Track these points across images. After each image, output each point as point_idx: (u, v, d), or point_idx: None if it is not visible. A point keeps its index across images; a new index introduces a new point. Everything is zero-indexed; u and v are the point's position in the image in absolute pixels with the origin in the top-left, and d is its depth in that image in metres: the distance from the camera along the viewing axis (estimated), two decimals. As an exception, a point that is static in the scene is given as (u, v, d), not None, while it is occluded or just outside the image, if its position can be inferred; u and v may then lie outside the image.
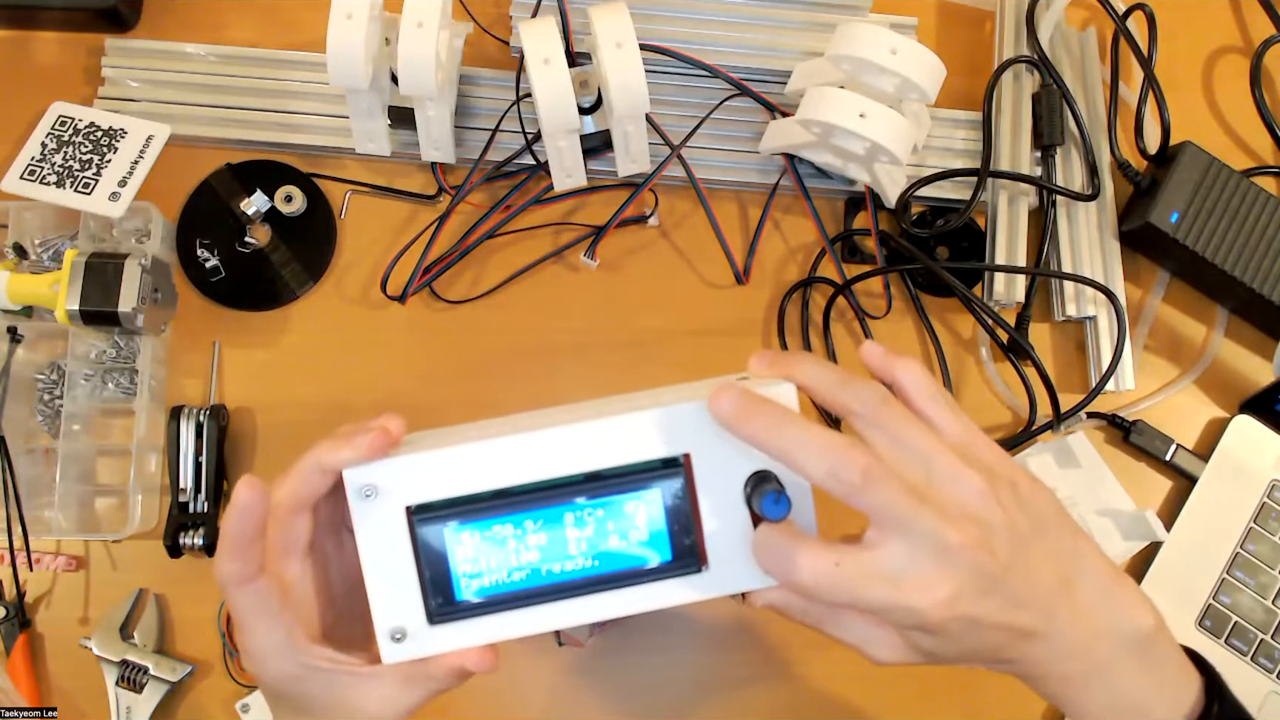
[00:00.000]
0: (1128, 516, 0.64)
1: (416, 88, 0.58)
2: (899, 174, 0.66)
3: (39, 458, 0.62)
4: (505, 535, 0.36)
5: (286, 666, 0.37)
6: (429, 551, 0.36)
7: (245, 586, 0.36)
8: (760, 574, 0.36)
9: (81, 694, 0.60)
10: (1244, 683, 0.62)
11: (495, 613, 0.36)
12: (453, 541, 0.36)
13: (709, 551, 0.36)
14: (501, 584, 0.36)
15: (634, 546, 0.36)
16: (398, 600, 0.36)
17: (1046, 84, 0.68)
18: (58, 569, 0.61)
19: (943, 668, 0.61)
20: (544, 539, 0.36)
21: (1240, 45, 0.75)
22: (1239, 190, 0.65)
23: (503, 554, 0.36)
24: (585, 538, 0.36)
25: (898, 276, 0.67)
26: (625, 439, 0.36)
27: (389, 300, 0.65)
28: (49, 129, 0.61)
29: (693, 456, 0.36)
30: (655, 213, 0.67)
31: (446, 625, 0.36)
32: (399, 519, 0.36)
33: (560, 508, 0.36)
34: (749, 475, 0.36)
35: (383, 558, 0.36)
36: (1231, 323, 0.69)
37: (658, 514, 0.36)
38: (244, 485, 0.36)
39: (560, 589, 0.36)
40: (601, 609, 0.36)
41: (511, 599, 0.36)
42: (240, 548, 0.36)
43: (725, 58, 0.67)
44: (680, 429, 0.36)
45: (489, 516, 0.36)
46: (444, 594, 0.36)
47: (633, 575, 0.36)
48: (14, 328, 0.61)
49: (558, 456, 0.36)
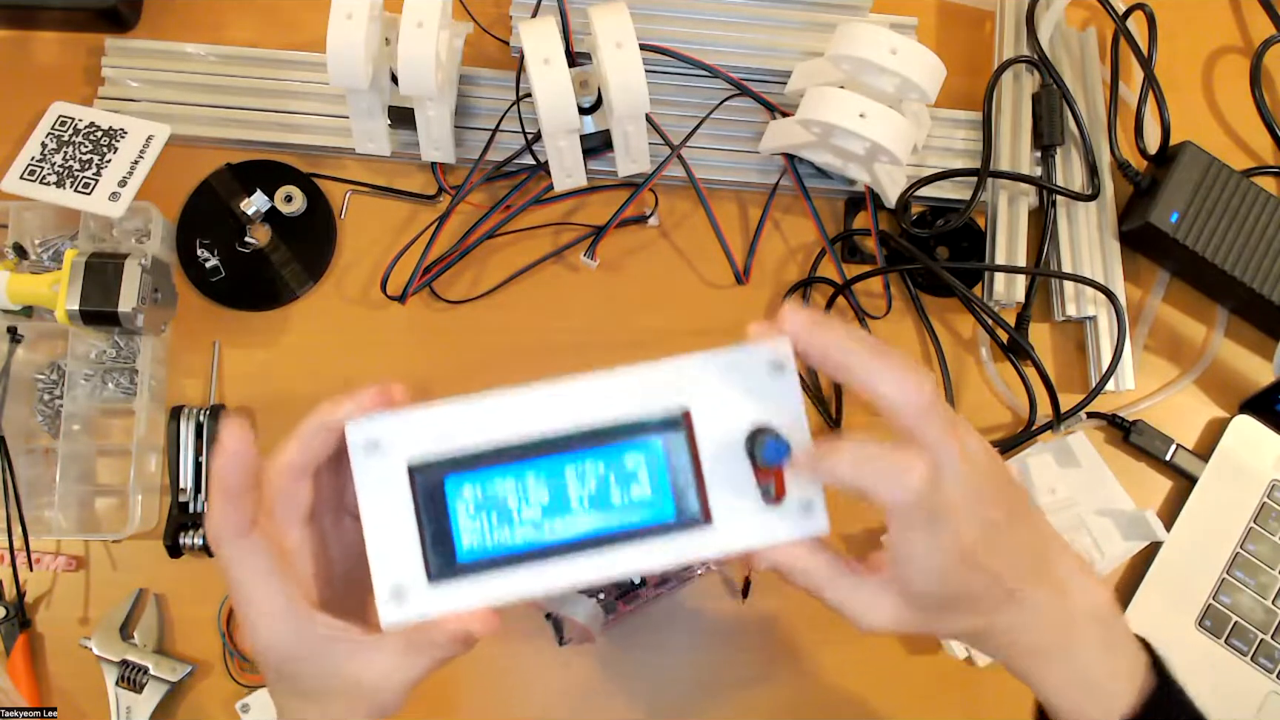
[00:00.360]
0: (1128, 516, 0.64)
1: (416, 88, 0.58)
2: (899, 174, 0.66)
3: (39, 458, 0.62)
4: (507, 490, 0.36)
5: (285, 635, 0.35)
6: (430, 507, 0.35)
7: (241, 540, 0.35)
8: (766, 532, 0.36)
9: (81, 694, 0.60)
10: (1244, 683, 0.62)
11: (498, 572, 0.35)
12: (455, 497, 0.35)
13: (713, 508, 0.36)
14: (505, 543, 0.35)
15: (637, 502, 0.36)
16: (398, 558, 0.35)
17: (1046, 84, 0.68)
18: (58, 569, 0.61)
19: (940, 668, 0.61)
20: (546, 495, 0.36)
21: (1240, 45, 0.75)
22: (1239, 190, 0.65)
23: (505, 510, 0.36)
24: (588, 493, 0.36)
25: (898, 276, 0.67)
26: (626, 395, 0.36)
27: (389, 300, 0.65)
28: (49, 129, 0.61)
29: (693, 413, 0.36)
30: (655, 213, 0.67)
31: (448, 585, 0.35)
32: (400, 474, 0.35)
33: (562, 460, 0.36)
34: (749, 431, 0.36)
35: (384, 514, 0.35)
36: (1231, 323, 0.69)
37: (660, 469, 0.36)
38: (230, 429, 0.34)
39: (565, 547, 0.36)
40: (606, 567, 0.36)
41: (515, 557, 0.35)
42: (233, 495, 0.34)
43: (725, 58, 0.67)
44: (680, 385, 0.36)
45: (491, 471, 0.35)
46: (445, 551, 0.35)
47: (637, 532, 0.36)
48: (14, 328, 0.61)
49: (559, 412, 0.36)
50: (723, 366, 0.36)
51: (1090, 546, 0.63)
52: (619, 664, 0.61)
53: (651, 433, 0.36)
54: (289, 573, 0.36)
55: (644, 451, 0.36)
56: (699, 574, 0.60)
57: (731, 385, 0.36)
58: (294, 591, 0.36)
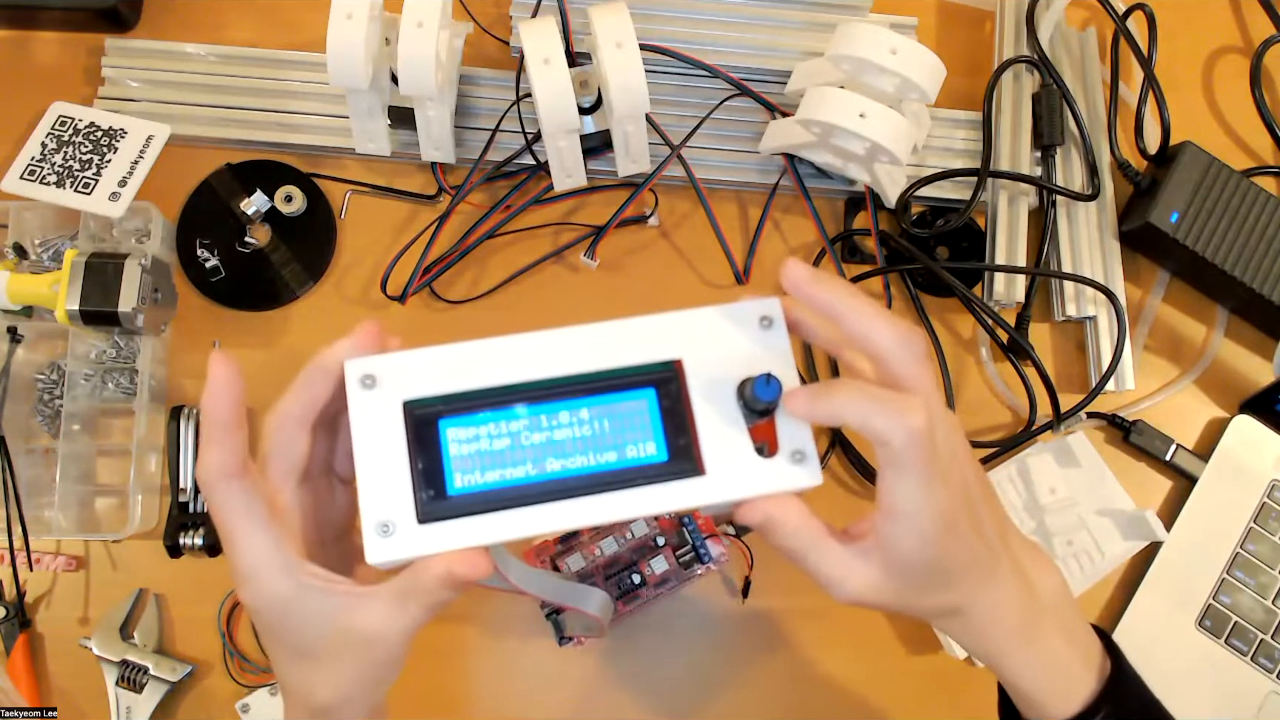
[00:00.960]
0: (1128, 516, 0.64)
1: (416, 88, 0.58)
2: (899, 174, 0.66)
3: (39, 458, 0.62)
4: (500, 431, 0.35)
5: (278, 584, 0.35)
6: (423, 446, 0.35)
7: (233, 481, 0.34)
8: (759, 482, 0.36)
9: (81, 694, 0.60)
10: (1244, 683, 0.62)
11: (487, 512, 0.35)
12: (447, 435, 0.35)
13: (705, 459, 0.36)
14: (495, 482, 0.35)
15: (629, 447, 0.36)
16: (388, 494, 0.34)
17: (1046, 84, 0.68)
18: (58, 569, 0.61)
19: (940, 668, 0.61)
20: (539, 437, 0.35)
21: (1240, 45, 0.75)
22: (1239, 190, 0.65)
23: (497, 451, 0.35)
24: (581, 437, 0.36)
25: (898, 276, 0.67)
26: (619, 344, 0.36)
27: (389, 300, 0.65)
28: (49, 129, 0.61)
29: (684, 362, 0.36)
30: (655, 213, 0.67)
31: (436, 525, 0.34)
32: (395, 411, 0.35)
33: (556, 405, 0.36)
34: (740, 383, 0.36)
35: (376, 449, 0.35)
36: (1231, 323, 0.69)
37: (652, 415, 0.36)
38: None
39: (556, 489, 0.35)
40: (596, 512, 0.35)
41: (505, 498, 0.35)
42: (226, 431, 0.34)
43: (725, 58, 0.67)
44: (672, 337, 0.37)
45: (485, 411, 0.35)
46: (435, 488, 0.35)
47: (629, 477, 0.36)
48: (14, 328, 0.61)
49: (555, 357, 0.36)
50: (714, 321, 0.37)
51: (1090, 546, 0.63)
52: (619, 664, 0.61)
53: (644, 381, 0.36)
54: (281, 522, 0.35)
55: (636, 399, 0.36)
56: (699, 574, 0.60)
57: (722, 338, 0.37)
58: (285, 540, 0.35)
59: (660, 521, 0.60)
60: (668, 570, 0.60)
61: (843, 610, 0.63)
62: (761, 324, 0.37)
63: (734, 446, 0.36)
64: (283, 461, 0.37)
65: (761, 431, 0.36)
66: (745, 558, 0.62)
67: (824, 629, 0.63)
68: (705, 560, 0.60)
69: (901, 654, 0.63)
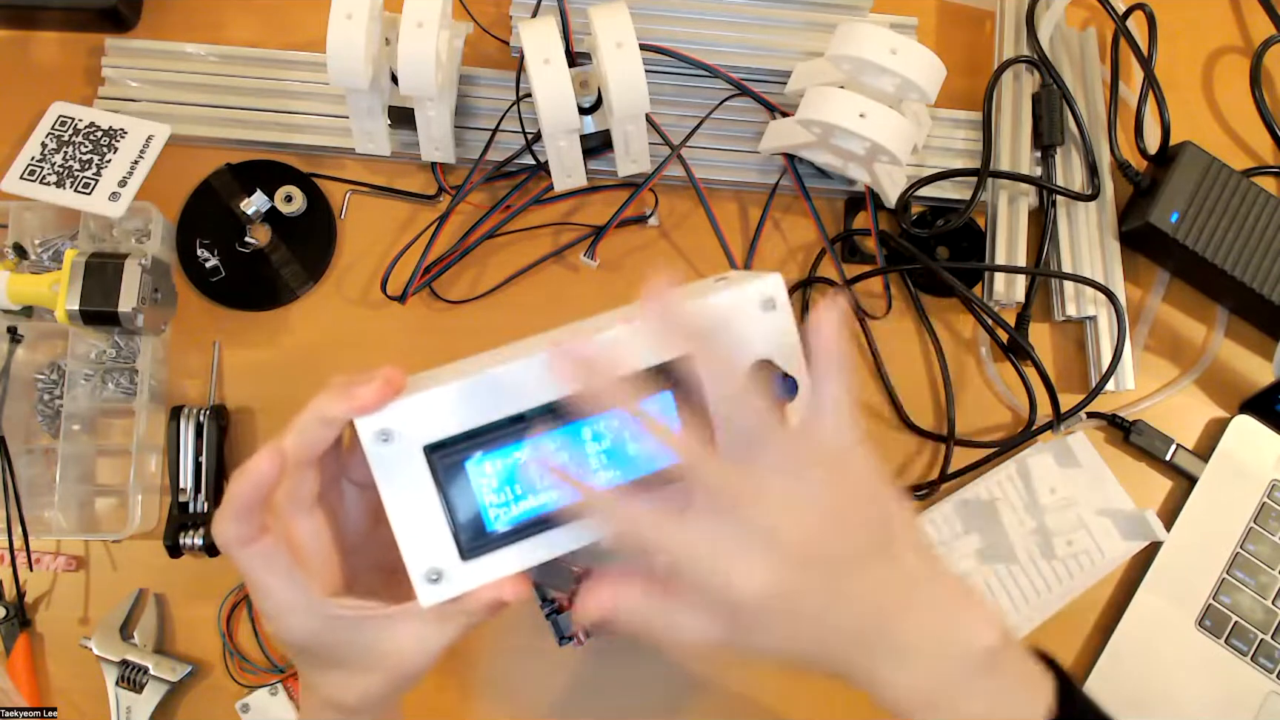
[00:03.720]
0: (1128, 516, 0.64)
1: (416, 88, 0.58)
2: (899, 174, 0.66)
3: (39, 458, 0.62)
4: (525, 459, 0.35)
5: (307, 622, 0.36)
6: (453, 487, 0.35)
7: (249, 547, 0.35)
8: None
9: (81, 694, 0.60)
10: (1244, 683, 0.62)
11: (527, 538, 0.35)
12: (476, 474, 0.35)
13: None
14: (531, 509, 0.35)
15: (650, 453, 0.36)
16: (428, 541, 0.35)
17: (1046, 84, 0.68)
18: (58, 569, 0.61)
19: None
20: (565, 456, 0.35)
21: (1240, 45, 0.75)
22: (1239, 190, 0.65)
23: (524, 478, 0.36)
24: (603, 450, 0.35)
25: (898, 276, 0.67)
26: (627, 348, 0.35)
27: (389, 300, 0.65)
28: (49, 129, 0.61)
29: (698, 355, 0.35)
30: (655, 213, 0.67)
31: (480, 559, 0.35)
32: (418, 459, 0.35)
33: (577, 424, 0.35)
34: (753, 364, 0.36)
35: (407, 500, 0.35)
36: (1231, 323, 0.69)
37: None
38: (267, 453, 0.35)
39: None
40: None
41: (541, 522, 0.35)
42: (243, 512, 0.35)
43: (725, 58, 0.67)
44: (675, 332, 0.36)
45: (509, 443, 0.35)
46: (474, 527, 0.35)
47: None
48: (14, 328, 0.61)
49: None
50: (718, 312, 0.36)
51: (1090, 546, 0.63)
52: (618, 664, 0.61)
53: (659, 384, 0.35)
54: (304, 565, 0.37)
55: (655, 402, 0.35)
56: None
57: (730, 329, 0.36)
58: (310, 584, 0.36)
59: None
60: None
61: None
62: (764, 306, 0.37)
63: None
64: (293, 500, 0.37)
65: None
66: (745, 558, 0.62)
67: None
68: (705, 560, 0.60)
69: (901, 654, 0.63)
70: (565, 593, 0.59)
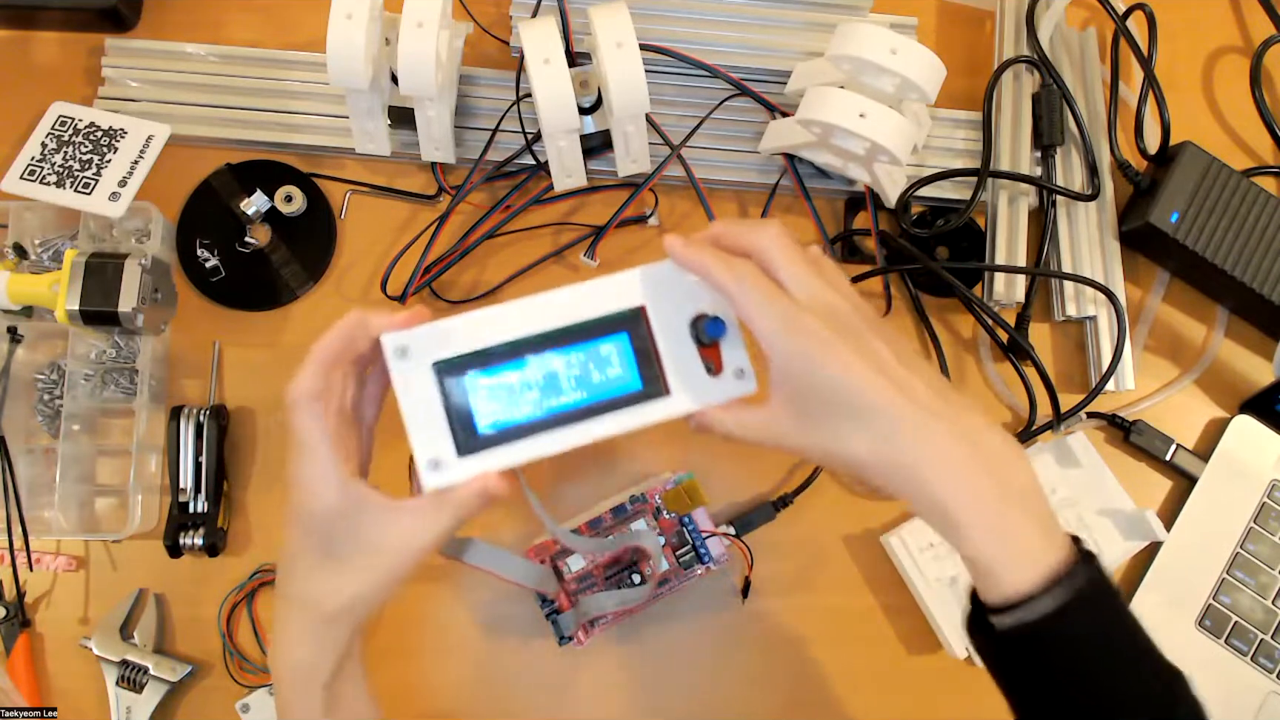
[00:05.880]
0: (1128, 516, 0.64)
1: (416, 88, 0.58)
2: (899, 174, 0.66)
3: (39, 458, 0.62)
4: (511, 378, 0.44)
5: (330, 495, 0.41)
6: (453, 396, 0.43)
7: (315, 403, 0.41)
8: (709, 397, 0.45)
9: (81, 694, 0.60)
10: (1244, 683, 0.62)
11: (510, 442, 0.44)
12: (471, 386, 0.43)
13: (670, 382, 0.45)
14: (512, 419, 0.44)
15: (612, 380, 0.45)
16: (432, 437, 0.43)
17: (1046, 84, 0.68)
18: (58, 569, 0.61)
19: (941, 668, 0.61)
20: (541, 378, 0.44)
21: (1240, 45, 0.75)
22: (1239, 190, 0.65)
23: (510, 394, 0.44)
24: (573, 375, 0.44)
25: (898, 276, 0.67)
26: (595, 298, 0.45)
27: (389, 300, 0.65)
28: (49, 129, 0.61)
29: (648, 307, 0.45)
30: (655, 213, 0.67)
31: (472, 456, 0.43)
32: (427, 372, 0.43)
33: (552, 352, 0.44)
34: (692, 318, 0.45)
35: (417, 404, 0.43)
36: (1231, 323, 0.69)
37: (628, 353, 0.45)
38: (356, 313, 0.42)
39: (558, 419, 0.44)
40: (592, 432, 0.44)
41: (521, 430, 0.44)
42: (326, 366, 0.41)
43: (725, 58, 0.67)
44: (634, 288, 0.45)
45: (497, 364, 0.44)
46: (468, 430, 0.43)
47: (614, 403, 0.45)
48: (14, 328, 0.61)
49: (546, 314, 0.44)
50: (665, 273, 0.45)
51: (1090, 547, 0.63)
52: (619, 664, 0.61)
53: (618, 327, 0.45)
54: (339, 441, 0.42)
55: (614, 341, 0.45)
56: (699, 574, 0.60)
57: (674, 286, 0.45)
58: (341, 457, 0.41)
59: (661, 522, 0.60)
60: (668, 570, 0.60)
61: (843, 610, 0.63)
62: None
63: (690, 370, 0.45)
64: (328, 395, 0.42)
65: (709, 354, 0.45)
66: (745, 558, 0.62)
67: (824, 629, 0.63)
68: (705, 560, 0.60)
69: (901, 654, 0.63)
70: (560, 593, 0.59)
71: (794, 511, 0.63)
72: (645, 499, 0.61)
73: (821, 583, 0.63)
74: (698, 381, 0.45)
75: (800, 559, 0.63)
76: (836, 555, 0.63)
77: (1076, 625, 0.39)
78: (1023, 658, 0.40)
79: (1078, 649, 0.39)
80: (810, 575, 0.63)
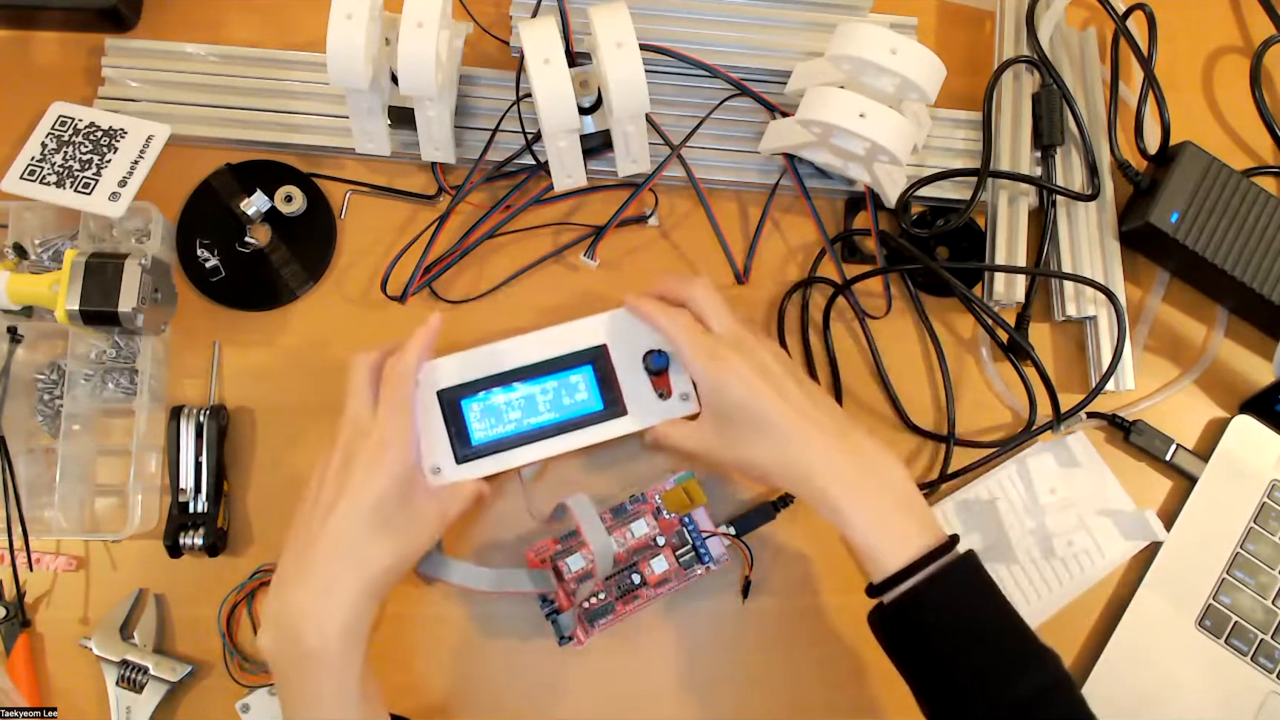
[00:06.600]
0: (1128, 516, 0.64)
1: (416, 88, 0.58)
2: (899, 174, 0.66)
3: (39, 458, 0.62)
4: (498, 403, 0.56)
5: (406, 462, 0.50)
6: (453, 417, 0.56)
7: (411, 383, 0.52)
8: (659, 416, 0.57)
9: (81, 694, 0.60)
10: (1244, 683, 0.62)
11: (497, 453, 0.56)
12: (467, 409, 0.56)
13: (628, 403, 0.57)
14: (500, 434, 0.56)
15: (579, 403, 0.57)
16: (436, 448, 0.55)
17: (1046, 84, 0.68)
18: (58, 569, 0.61)
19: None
20: (522, 402, 0.57)
21: (1240, 45, 0.75)
22: (1239, 190, 0.65)
23: (498, 414, 0.56)
24: (548, 400, 0.57)
25: (898, 276, 0.67)
26: (566, 340, 0.57)
27: (389, 300, 0.65)
28: (49, 129, 0.61)
29: (609, 346, 0.57)
30: (655, 213, 0.67)
31: (467, 464, 0.56)
32: (433, 398, 0.56)
33: (531, 382, 0.57)
34: (644, 355, 0.57)
35: (426, 422, 0.55)
36: (1231, 323, 0.69)
37: (592, 382, 0.57)
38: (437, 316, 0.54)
39: (536, 435, 0.57)
40: (563, 445, 0.57)
41: (506, 443, 0.56)
42: (424, 352, 0.53)
43: (725, 58, 0.67)
44: (598, 331, 0.57)
45: (487, 391, 0.56)
46: (464, 443, 0.56)
47: (581, 421, 0.57)
48: (14, 328, 0.61)
49: (527, 352, 0.57)
50: (621, 319, 0.57)
51: (1090, 546, 0.63)
52: (619, 664, 0.61)
53: (584, 361, 0.57)
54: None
55: (581, 372, 0.57)
56: (699, 574, 0.60)
57: (629, 329, 0.57)
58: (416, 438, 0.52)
59: (661, 522, 0.60)
60: (668, 570, 0.60)
61: (843, 610, 0.63)
62: None
63: (643, 395, 0.57)
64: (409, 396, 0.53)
65: (660, 383, 0.57)
66: (745, 558, 0.62)
67: (824, 629, 0.63)
68: (705, 560, 0.60)
69: (901, 654, 0.63)
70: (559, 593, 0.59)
71: (794, 511, 0.63)
72: (645, 499, 0.61)
73: (821, 582, 0.63)
74: (649, 404, 0.57)
75: (800, 559, 0.63)
76: (836, 555, 0.63)
77: (947, 590, 0.47)
78: (903, 626, 0.49)
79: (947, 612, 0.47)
80: (810, 575, 0.63)
